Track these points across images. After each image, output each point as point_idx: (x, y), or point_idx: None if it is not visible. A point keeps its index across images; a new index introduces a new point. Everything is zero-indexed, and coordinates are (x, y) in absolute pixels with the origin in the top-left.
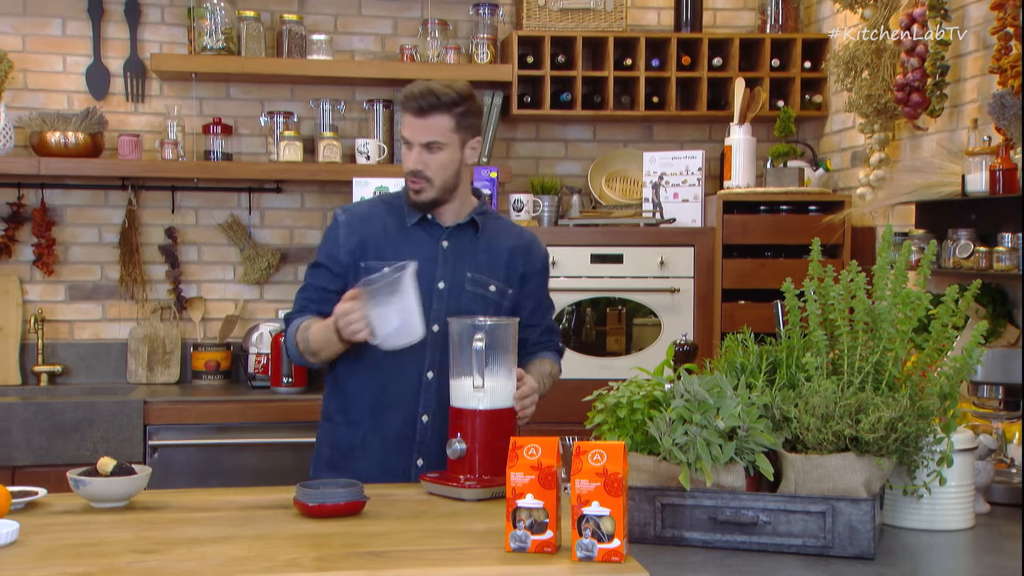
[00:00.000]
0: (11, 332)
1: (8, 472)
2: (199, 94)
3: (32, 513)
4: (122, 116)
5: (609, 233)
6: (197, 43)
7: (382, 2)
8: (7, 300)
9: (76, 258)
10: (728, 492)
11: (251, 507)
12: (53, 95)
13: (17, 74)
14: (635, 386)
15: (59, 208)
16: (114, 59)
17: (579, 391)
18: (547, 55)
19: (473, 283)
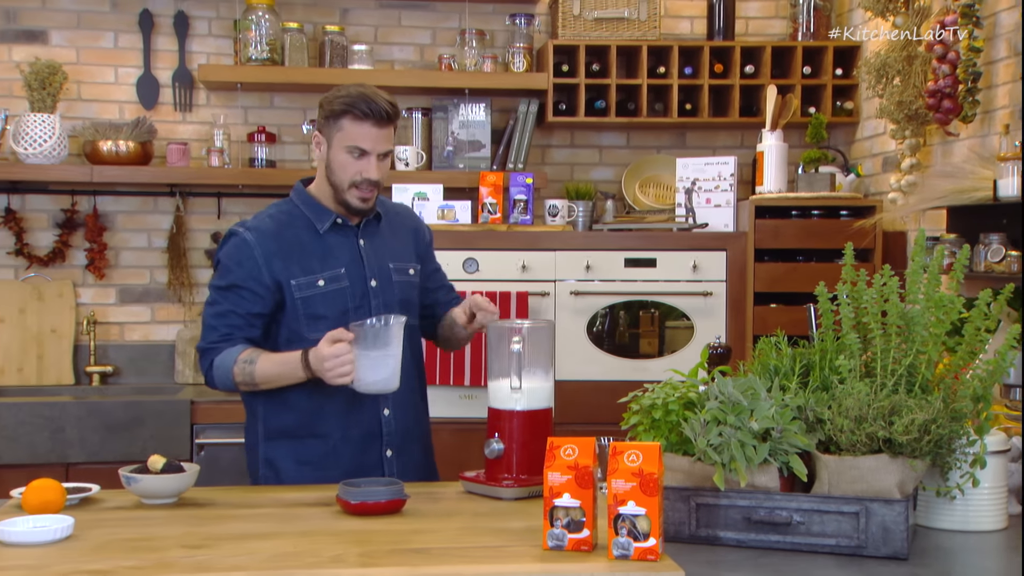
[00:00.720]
0: (65, 334)
1: (62, 469)
2: (244, 103)
3: (86, 509)
4: (171, 125)
5: (643, 237)
6: (243, 54)
7: (421, 13)
8: (61, 303)
9: (127, 262)
10: (762, 492)
11: (295, 504)
12: (105, 105)
13: (71, 85)
14: (670, 388)
15: (111, 214)
16: (163, 70)
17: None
18: (582, 63)
19: (397, 272)
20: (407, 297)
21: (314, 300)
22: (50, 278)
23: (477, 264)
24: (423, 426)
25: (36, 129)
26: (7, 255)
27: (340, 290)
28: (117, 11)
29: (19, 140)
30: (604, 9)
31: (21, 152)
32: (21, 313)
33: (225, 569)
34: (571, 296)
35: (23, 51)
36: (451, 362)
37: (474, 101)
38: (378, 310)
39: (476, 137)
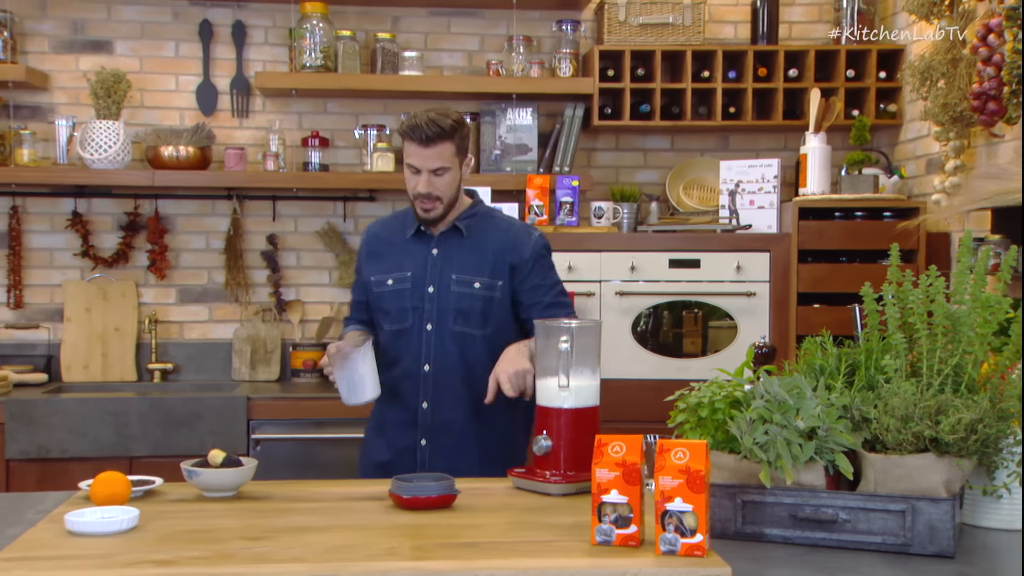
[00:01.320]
0: (128, 332)
1: (126, 462)
2: (299, 109)
3: (150, 501)
4: (228, 131)
5: (687, 239)
6: (297, 61)
7: (470, 20)
8: (124, 303)
9: (186, 263)
10: (808, 490)
11: (349, 498)
12: (167, 112)
13: (135, 93)
14: (716, 387)
15: (171, 217)
16: (221, 77)
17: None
18: (627, 68)
19: (458, 284)
20: (464, 307)
21: (383, 296)
22: (114, 279)
23: None
24: (465, 425)
25: (101, 136)
26: (74, 256)
27: (402, 290)
28: (178, 21)
29: (85, 146)
30: (649, 15)
31: (87, 158)
32: (87, 312)
33: (284, 561)
34: (616, 296)
35: (89, 61)
36: None
37: (521, 106)
38: (430, 315)
39: (523, 141)
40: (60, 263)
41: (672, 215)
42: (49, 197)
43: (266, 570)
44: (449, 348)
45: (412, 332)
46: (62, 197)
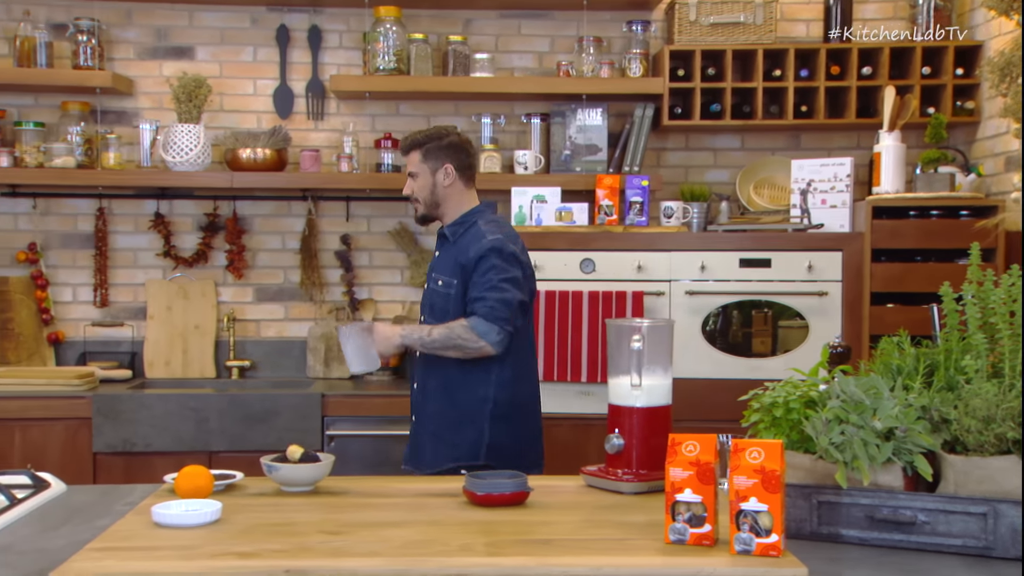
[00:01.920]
0: (208, 330)
1: (206, 456)
2: (372, 111)
3: (231, 494)
4: (304, 133)
5: (757, 238)
6: (371, 64)
7: (540, 21)
8: (204, 302)
9: (263, 263)
10: (885, 491)
11: (423, 494)
12: (245, 115)
13: (215, 97)
14: (791, 386)
15: (248, 218)
16: (297, 81)
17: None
18: (698, 68)
19: (434, 282)
20: (433, 303)
21: None
22: (194, 278)
23: (594, 264)
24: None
25: (183, 139)
26: (156, 256)
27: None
28: (256, 27)
29: (168, 149)
30: (720, 14)
31: (169, 160)
32: (168, 311)
33: (361, 555)
34: (686, 296)
35: (172, 67)
36: (568, 359)
37: (591, 106)
38: (422, 306)
39: (593, 141)
40: (143, 263)
41: (742, 214)
42: (133, 199)
43: (344, 564)
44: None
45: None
46: (145, 199)
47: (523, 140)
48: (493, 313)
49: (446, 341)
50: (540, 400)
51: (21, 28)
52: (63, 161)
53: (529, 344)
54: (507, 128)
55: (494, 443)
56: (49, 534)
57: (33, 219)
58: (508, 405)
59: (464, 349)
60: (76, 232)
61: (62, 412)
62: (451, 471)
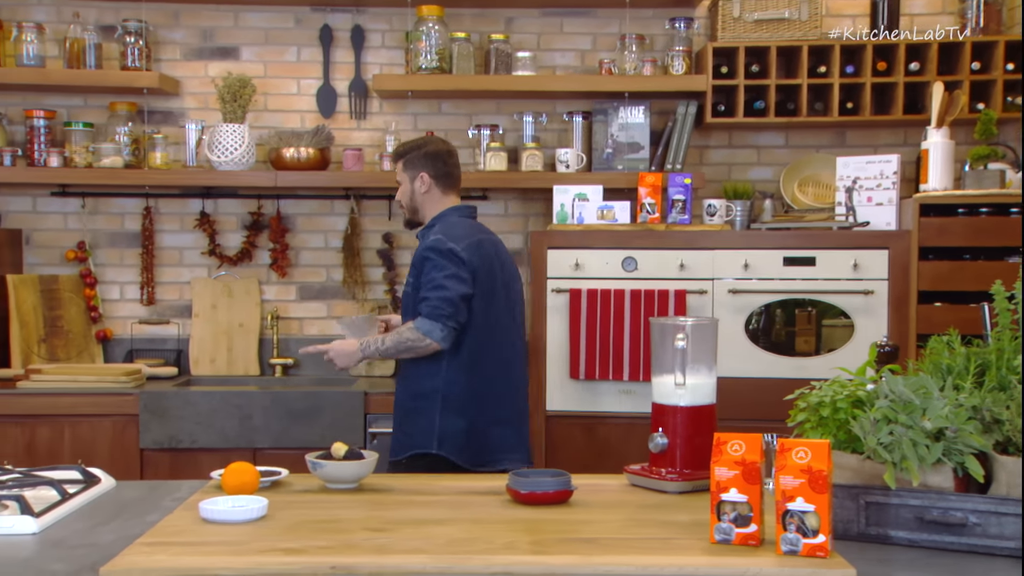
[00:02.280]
0: (252, 328)
1: (250, 453)
2: (414, 110)
3: (277, 491)
4: (346, 132)
5: (802, 236)
6: (413, 63)
7: (582, 19)
8: (248, 300)
9: (306, 261)
10: (935, 492)
11: (467, 492)
12: (288, 115)
13: (259, 97)
14: (838, 386)
15: (292, 216)
16: (340, 81)
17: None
18: (741, 65)
19: (406, 280)
20: (404, 301)
21: None
22: (238, 276)
23: (636, 263)
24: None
25: (228, 138)
26: (201, 255)
27: None
28: (300, 27)
29: (213, 149)
30: (764, 11)
31: (214, 160)
32: (213, 309)
33: (407, 552)
34: (729, 294)
35: (217, 67)
36: (610, 357)
37: (633, 104)
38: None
39: (635, 139)
40: (189, 261)
41: (786, 212)
42: (179, 198)
43: (389, 561)
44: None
45: None
46: (191, 198)
47: (565, 138)
48: (435, 311)
49: (398, 346)
50: (514, 389)
51: (71, 30)
52: (111, 161)
53: (489, 335)
54: (549, 126)
55: (446, 432)
56: (100, 529)
57: (82, 218)
58: (460, 396)
59: (415, 350)
60: (123, 231)
61: (110, 408)
62: (409, 459)
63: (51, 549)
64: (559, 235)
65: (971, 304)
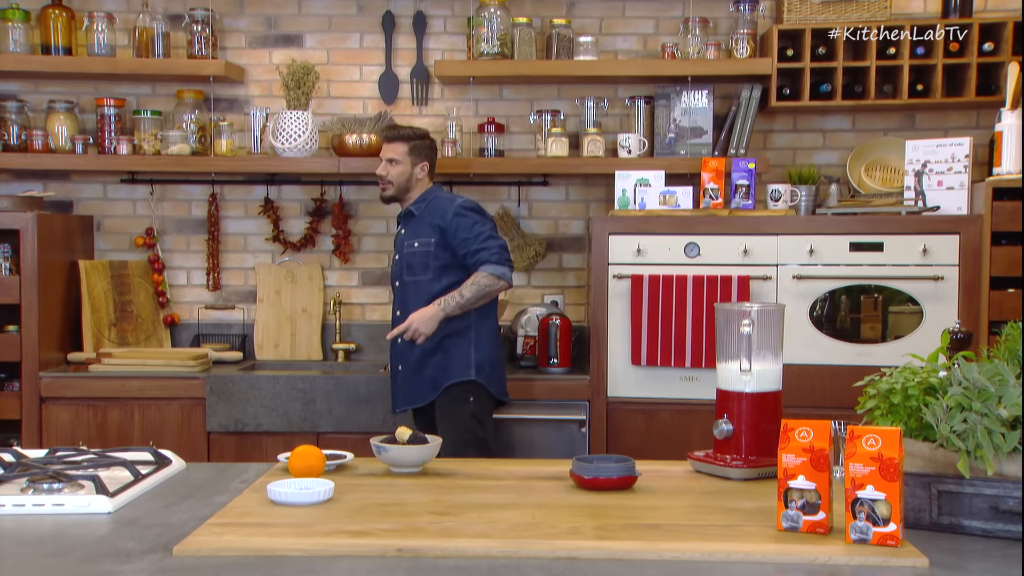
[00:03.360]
0: (315, 314)
1: (314, 436)
2: (475, 96)
3: (342, 474)
4: (408, 118)
5: (868, 222)
6: (475, 49)
7: (645, 3)
8: (311, 285)
9: (367, 248)
10: (1011, 481)
11: (530, 477)
12: (351, 101)
13: (322, 84)
14: (909, 372)
15: (353, 203)
16: (402, 67)
17: (836, 377)
18: (807, 47)
19: (407, 247)
20: (410, 264)
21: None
22: (301, 262)
23: (698, 248)
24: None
25: (291, 125)
26: (265, 241)
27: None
28: (363, 14)
29: (277, 136)
30: None
31: (278, 147)
32: (277, 294)
33: (471, 536)
34: (793, 280)
35: (281, 54)
36: (672, 343)
37: (696, 88)
38: (398, 272)
39: (698, 123)
40: (253, 247)
41: (853, 197)
42: (244, 185)
43: (455, 544)
44: (405, 294)
45: (394, 288)
46: (255, 185)
47: (627, 123)
48: (501, 256)
49: (477, 294)
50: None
51: (140, 19)
52: (178, 148)
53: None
54: (610, 111)
55: (481, 362)
56: (172, 508)
57: (150, 205)
58: (487, 332)
59: (491, 294)
60: (190, 217)
61: (178, 392)
62: (446, 390)
63: (125, 528)
64: (620, 221)
65: None
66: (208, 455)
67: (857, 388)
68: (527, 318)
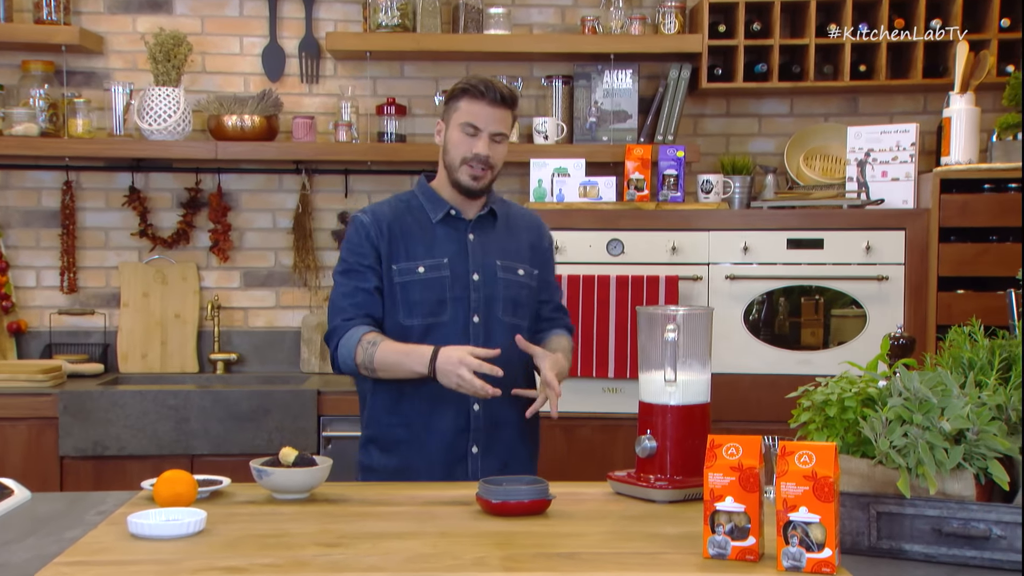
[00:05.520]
0: (189, 319)
1: (187, 460)
2: (373, 73)
3: (217, 502)
4: (296, 98)
5: (808, 216)
6: (372, 20)
7: None
8: (185, 287)
9: (251, 244)
10: (955, 501)
11: (432, 502)
12: (230, 77)
13: (196, 57)
14: (846, 382)
15: (234, 193)
16: (289, 39)
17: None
18: (741, 23)
19: (504, 270)
20: (513, 295)
21: (412, 286)
22: (173, 260)
23: (622, 245)
24: (519, 426)
25: (160, 104)
26: (131, 236)
27: (439, 279)
28: None
29: (143, 115)
30: None
31: (145, 128)
32: (145, 297)
33: (362, 570)
34: (726, 280)
35: (147, 21)
36: (593, 353)
37: (620, 67)
38: (477, 304)
39: (622, 107)
40: (116, 243)
41: (791, 189)
42: (104, 171)
43: None
44: (499, 341)
45: (452, 325)
46: (118, 171)
47: (543, 106)
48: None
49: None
50: None
51: None
52: (24, 128)
53: None
54: (525, 92)
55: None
56: (12, 547)
57: None
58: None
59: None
60: (40, 208)
61: (24, 411)
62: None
63: None
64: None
65: (997, 291)
66: (60, 484)
67: (793, 400)
68: None
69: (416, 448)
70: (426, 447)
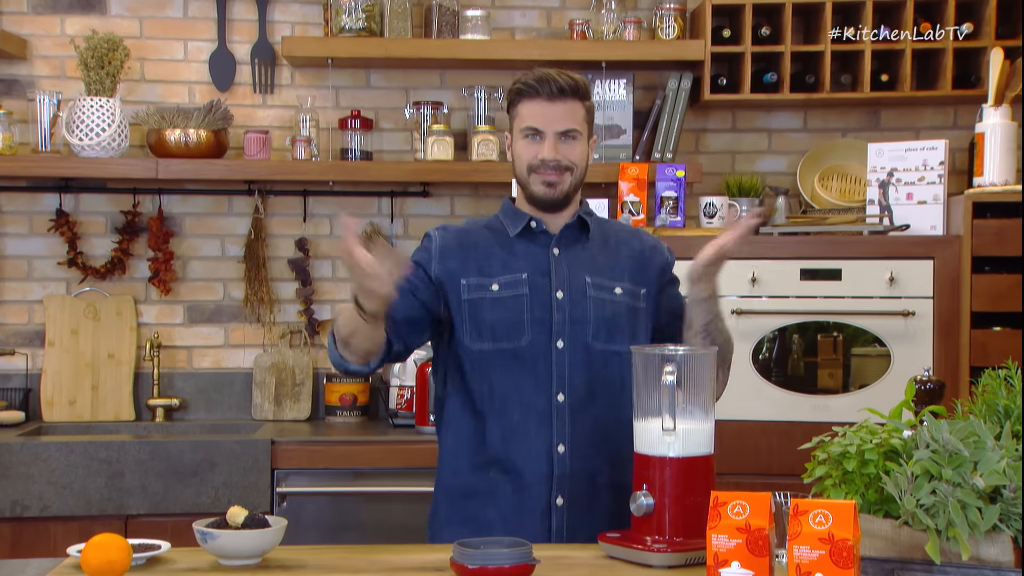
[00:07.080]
0: (124, 360)
1: (120, 521)
2: (335, 83)
3: (154, 570)
4: (248, 110)
5: (823, 243)
6: (334, 23)
7: None
8: (120, 323)
9: (196, 275)
10: (991, 567)
11: (400, 568)
12: (172, 87)
13: (133, 63)
14: (866, 432)
15: (177, 217)
16: (240, 44)
17: (788, 436)
18: (748, 27)
19: (596, 288)
20: (607, 316)
21: (482, 304)
22: (107, 293)
23: None
24: (612, 474)
25: (93, 116)
26: (58, 266)
27: (516, 298)
28: None
29: (73, 129)
30: None
31: (75, 143)
32: (74, 335)
33: None
34: (733, 316)
35: (77, 23)
36: None
37: (613, 77)
38: (561, 325)
39: (615, 121)
40: (40, 274)
41: (804, 213)
42: (28, 192)
43: None
44: (590, 371)
45: (532, 352)
46: (44, 192)
47: None
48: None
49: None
50: None
51: None
52: None
53: None
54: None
55: None
56: None
57: None
58: None
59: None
60: None
61: None
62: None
63: None
64: None
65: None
66: None
67: (807, 452)
68: (401, 365)
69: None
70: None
